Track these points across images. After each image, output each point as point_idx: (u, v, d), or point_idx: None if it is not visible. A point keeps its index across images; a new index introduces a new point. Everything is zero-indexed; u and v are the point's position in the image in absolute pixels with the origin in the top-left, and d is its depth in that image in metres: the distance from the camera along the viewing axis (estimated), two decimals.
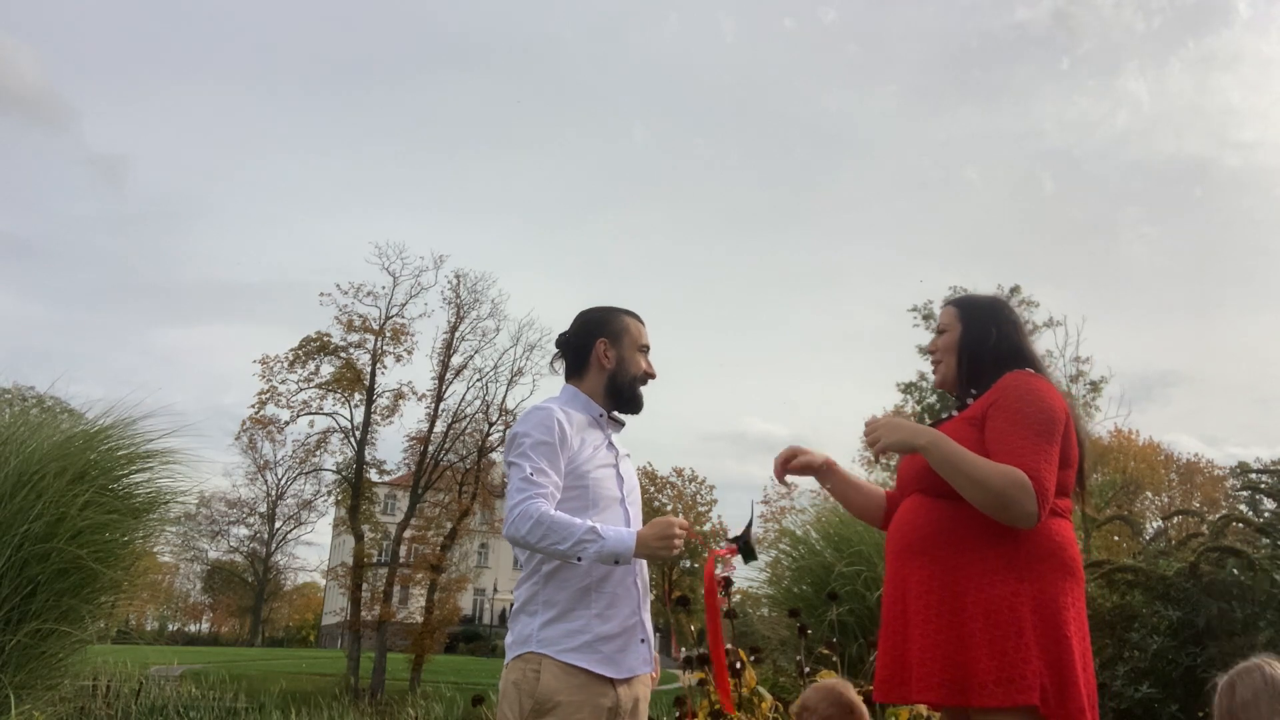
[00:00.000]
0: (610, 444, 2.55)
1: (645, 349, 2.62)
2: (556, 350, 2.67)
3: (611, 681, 2.33)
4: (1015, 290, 35.90)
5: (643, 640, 2.43)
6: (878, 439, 2.20)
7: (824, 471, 2.59)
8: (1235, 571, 4.17)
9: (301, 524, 52.38)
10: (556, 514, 2.26)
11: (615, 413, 2.60)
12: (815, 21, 64.94)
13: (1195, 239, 59.17)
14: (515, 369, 28.54)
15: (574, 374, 2.61)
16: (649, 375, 2.62)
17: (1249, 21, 61.20)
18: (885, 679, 2.17)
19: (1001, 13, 60.84)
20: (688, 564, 48.51)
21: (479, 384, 28.70)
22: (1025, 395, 2.17)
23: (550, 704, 2.25)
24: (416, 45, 68.59)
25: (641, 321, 2.66)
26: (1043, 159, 59.60)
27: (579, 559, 2.25)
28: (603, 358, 2.56)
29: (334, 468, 28.65)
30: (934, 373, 2.46)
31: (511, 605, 2.54)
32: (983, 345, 2.34)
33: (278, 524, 52.92)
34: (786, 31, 64.33)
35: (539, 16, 66.27)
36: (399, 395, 28.37)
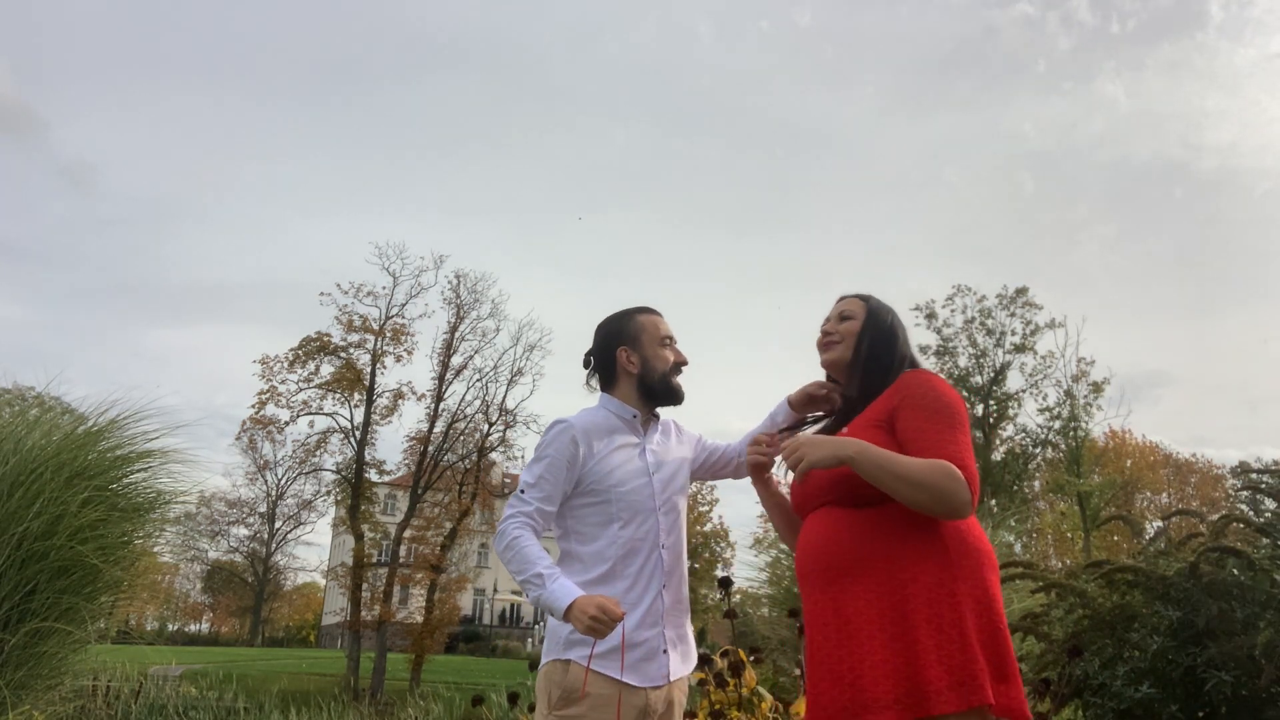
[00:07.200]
0: (645, 450, 2.55)
1: (668, 340, 2.61)
2: (587, 369, 2.67)
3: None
4: (1021, 291, 35.76)
5: (665, 651, 2.42)
6: (801, 457, 2.11)
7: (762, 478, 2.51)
8: (1235, 571, 4.17)
9: (301, 524, 52.54)
10: (525, 543, 2.30)
11: (657, 408, 2.61)
12: (791, 24, 64.74)
13: (1177, 240, 59.20)
14: (515, 369, 28.56)
15: (607, 386, 2.63)
16: (680, 364, 2.62)
17: (1221, 25, 61.23)
18: (839, 710, 2.03)
19: (975, 16, 60.70)
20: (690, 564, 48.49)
21: (479, 384, 28.72)
22: (931, 391, 2.19)
23: (577, 693, 2.30)
24: (403, 46, 68.48)
25: (658, 314, 2.65)
26: (1022, 161, 59.68)
27: (526, 595, 2.29)
28: (627, 364, 2.58)
29: (334, 468, 28.62)
30: (823, 351, 2.42)
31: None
32: (888, 343, 2.37)
33: (278, 524, 53.02)
34: (762, 34, 64.29)
35: (522, 19, 66.22)
36: (399, 395, 28.36)
